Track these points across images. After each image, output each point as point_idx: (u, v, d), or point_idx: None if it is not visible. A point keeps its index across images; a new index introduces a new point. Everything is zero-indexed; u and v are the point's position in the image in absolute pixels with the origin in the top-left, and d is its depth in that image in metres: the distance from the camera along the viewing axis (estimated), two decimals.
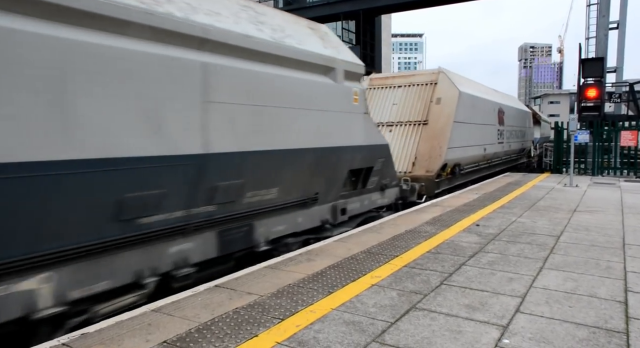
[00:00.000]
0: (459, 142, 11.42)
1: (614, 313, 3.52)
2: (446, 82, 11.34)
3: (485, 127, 14.09)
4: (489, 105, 14.53)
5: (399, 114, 11.58)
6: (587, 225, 6.95)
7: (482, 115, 13.54)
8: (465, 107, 11.61)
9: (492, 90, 17.33)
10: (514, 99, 22.65)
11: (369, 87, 12.16)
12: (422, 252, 5.32)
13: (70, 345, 3.01)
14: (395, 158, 9.36)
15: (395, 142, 11.12)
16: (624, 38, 22.25)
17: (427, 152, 10.70)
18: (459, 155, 11.60)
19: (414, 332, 3.19)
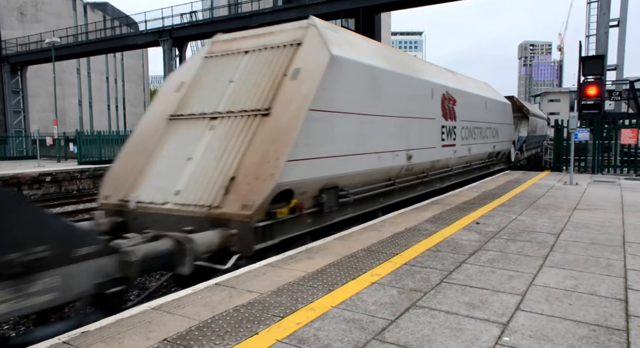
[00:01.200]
0: (325, 148, 6.34)
1: (614, 311, 3.53)
2: (314, 41, 6.65)
3: (410, 122, 9.02)
4: (418, 86, 9.52)
5: (234, 98, 6.62)
6: (587, 223, 6.95)
7: (400, 102, 8.60)
8: (345, 84, 6.77)
9: (437, 67, 12.38)
10: (481, 85, 16.34)
11: (207, 55, 7.57)
12: (422, 250, 5.32)
13: (70, 343, 3.02)
14: (198, 178, 5.84)
15: (212, 148, 6.13)
16: (624, 35, 22.22)
17: (254, 167, 5.59)
18: (325, 173, 6.37)
19: (414, 330, 3.19)
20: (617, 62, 22.62)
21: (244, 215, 5.21)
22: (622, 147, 16.13)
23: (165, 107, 7.15)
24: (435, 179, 10.89)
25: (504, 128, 17.29)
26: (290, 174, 5.59)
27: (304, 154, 5.85)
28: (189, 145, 6.34)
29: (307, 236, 6.29)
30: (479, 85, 15.80)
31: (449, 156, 11.32)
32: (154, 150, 6.57)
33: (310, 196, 6.24)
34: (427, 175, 10.12)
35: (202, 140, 6.28)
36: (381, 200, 8.36)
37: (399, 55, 9.92)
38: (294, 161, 5.65)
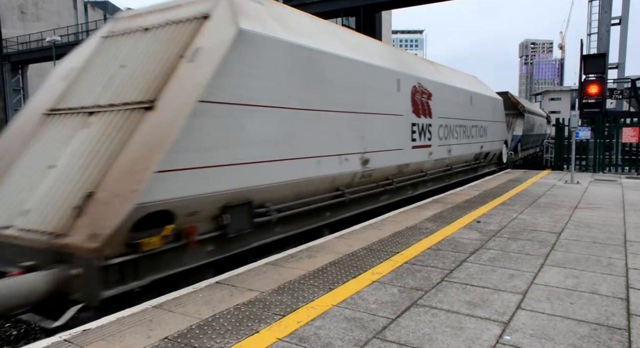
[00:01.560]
0: (229, 152, 4.80)
1: (616, 310, 3.52)
2: (224, 13, 5.18)
3: (366, 119, 7.36)
4: (378, 76, 7.78)
5: (121, 87, 5.09)
6: (589, 222, 6.94)
7: (352, 94, 6.98)
8: (263, 68, 5.27)
9: (410, 55, 10.75)
10: (467, 78, 14.28)
11: (106, 35, 5.96)
12: (423, 249, 5.32)
13: (71, 341, 3.02)
14: (55, 194, 4.39)
15: (81, 153, 4.65)
16: (626, 34, 22.19)
17: (118, 180, 4.15)
18: (229, 185, 4.80)
19: (415, 329, 3.19)
20: (618, 60, 22.59)
21: (89, 248, 3.69)
22: (624, 145, 16.11)
23: (47, 98, 5.58)
24: (406, 186, 9.09)
25: (494, 126, 15.36)
26: (165, 190, 4.02)
27: (189, 161, 4.25)
28: (55, 149, 4.82)
29: (207, 269, 4.76)
30: (463, 78, 13.69)
31: (422, 159, 9.49)
32: (17, 155, 5.06)
33: (206, 217, 4.64)
34: (392, 182, 8.40)
35: (72, 143, 4.75)
36: (327, 214, 6.72)
37: (355, 38, 7.89)
38: (172, 172, 4.07)
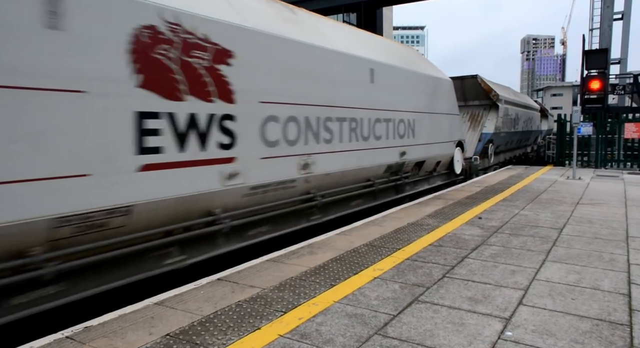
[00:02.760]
0: None
1: (618, 306, 3.51)
2: None
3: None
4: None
5: None
6: (590, 217, 6.93)
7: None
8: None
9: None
10: (375, 42, 9.08)
11: None
12: (424, 245, 5.31)
13: (73, 338, 3.02)
14: None
15: None
16: (628, 29, 22.09)
17: None
18: None
19: (417, 325, 3.19)
20: (620, 55, 22.49)
21: None
22: (626, 141, 16.07)
23: None
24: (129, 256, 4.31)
25: (435, 121, 10.43)
26: None
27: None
28: None
29: None
30: (361, 39, 8.42)
31: (190, 189, 4.63)
32: None
33: None
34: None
35: None
36: None
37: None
38: None
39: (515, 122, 18.03)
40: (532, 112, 22.56)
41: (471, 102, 16.17)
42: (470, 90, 15.82)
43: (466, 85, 15.69)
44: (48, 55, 3.48)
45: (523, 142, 22.00)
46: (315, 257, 4.84)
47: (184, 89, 4.52)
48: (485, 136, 15.30)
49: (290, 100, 5.99)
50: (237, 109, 5.13)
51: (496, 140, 16.08)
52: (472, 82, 15.59)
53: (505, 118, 16.34)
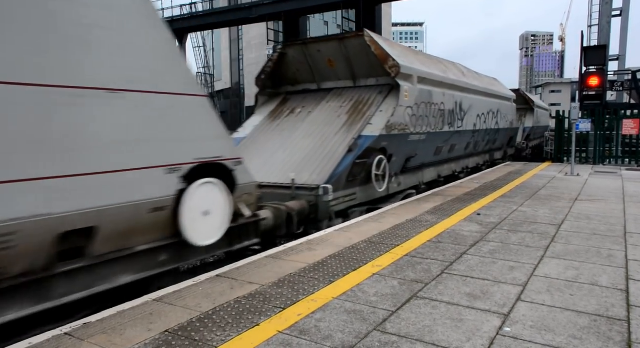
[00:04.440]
0: None
1: (616, 301, 3.52)
2: None
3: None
4: None
5: None
6: (589, 213, 6.94)
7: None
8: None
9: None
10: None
11: None
12: (423, 241, 5.32)
13: (72, 334, 3.02)
14: None
15: None
16: (627, 25, 22.09)
17: None
18: None
19: (416, 321, 3.19)
20: (619, 52, 22.50)
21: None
22: (624, 137, 16.10)
23: None
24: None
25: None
26: None
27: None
28: None
29: None
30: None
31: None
32: None
33: None
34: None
35: None
36: None
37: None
38: None
39: (453, 115, 10.82)
40: (500, 103, 15.22)
41: (363, 81, 8.94)
42: (358, 60, 8.66)
43: (351, 52, 8.55)
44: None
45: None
46: (314, 254, 4.84)
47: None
48: (364, 141, 7.56)
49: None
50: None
51: (396, 148, 8.36)
52: (359, 46, 8.57)
53: (421, 108, 9.03)
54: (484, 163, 15.28)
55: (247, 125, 9.01)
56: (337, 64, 8.81)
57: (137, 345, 2.87)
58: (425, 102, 9.21)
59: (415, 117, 8.78)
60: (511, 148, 19.24)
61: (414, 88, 8.63)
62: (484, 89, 13.49)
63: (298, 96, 9.39)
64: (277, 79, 9.60)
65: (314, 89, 9.36)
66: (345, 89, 8.99)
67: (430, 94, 9.38)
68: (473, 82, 12.57)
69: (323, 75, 9.20)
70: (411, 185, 9.62)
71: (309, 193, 6.57)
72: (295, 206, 6.27)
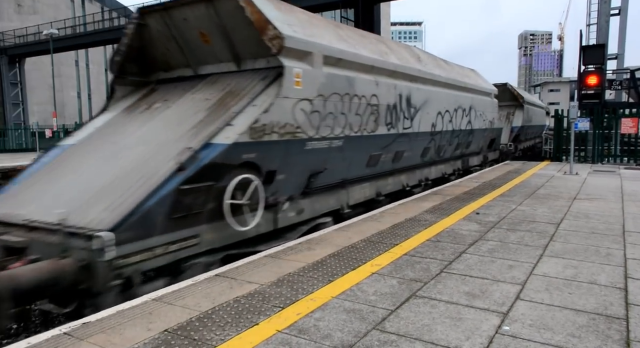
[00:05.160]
0: None
1: (614, 300, 3.53)
2: None
3: None
4: None
5: None
6: (587, 212, 6.95)
7: None
8: None
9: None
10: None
11: None
12: (422, 240, 5.32)
13: (71, 334, 3.02)
14: None
15: None
16: (625, 24, 22.11)
17: None
18: None
19: (415, 320, 3.20)
20: (617, 51, 22.53)
21: None
22: (622, 136, 16.14)
23: None
24: None
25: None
26: None
27: None
28: None
29: None
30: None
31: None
32: None
33: None
34: None
35: None
36: None
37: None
38: None
39: (395, 112, 8.18)
40: (474, 98, 12.75)
41: (250, 63, 6.28)
42: (238, 32, 6.05)
43: (227, 21, 6.00)
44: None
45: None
46: (313, 253, 4.85)
47: None
48: (209, 154, 4.87)
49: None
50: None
51: (282, 161, 5.74)
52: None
53: (332, 102, 6.43)
54: (453, 171, 12.44)
55: (88, 126, 6.43)
56: (212, 38, 6.14)
57: (137, 345, 2.87)
58: (340, 94, 6.51)
59: (320, 115, 6.14)
60: (494, 152, 16.58)
61: (315, 72, 6.01)
62: (449, 80, 10.82)
63: (170, 86, 6.73)
64: (146, 62, 6.84)
65: (190, 76, 6.67)
66: (226, 74, 6.31)
67: (350, 81, 6.73)
68: (433, 70, 10.04)
69: (199, 57, 6.47)
70: (325, 211, 6.84)
71: (84, 244, 3.89)
72: (26, 274, 3.58)
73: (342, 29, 7.59)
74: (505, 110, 19.62)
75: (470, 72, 13.71)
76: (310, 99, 5.94)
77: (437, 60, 11.24)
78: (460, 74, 12.28)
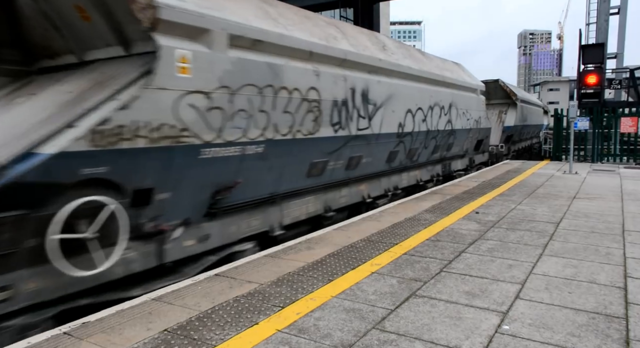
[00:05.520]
0: None
1: (614, 299, 3.53)
2: None
3: None
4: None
5: None
6: (587, 211, 6.95)
7: None
8: None
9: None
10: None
11: None
12: (421, 240, 5.32)
13: (71, 333, 3.02)
14: None
15: None
16: (624, 23, 22.12)
17: None
18: None
19: (414, 319, 3.20)
20: (617, 50, 22.54)
21: None
22: (622, 135, 16.16)
23: None
24: None
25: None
26: None
27: None
28: None
29: None
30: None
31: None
32: None
33: None
34: None
35: None
36: None
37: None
38: None
39: (344, 110, 6.81)
40: (455, 94, 11.38)
41: (141, 46, 4.56)
42: (119, 4, 4.39)
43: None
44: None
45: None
46: (313, 252, 4.85)
47: None
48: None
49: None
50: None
51: (161, 175, 4.41)
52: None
53: (245, 95, 5.06)
54: (431, 178, 10.90)
55: None
56: (92, 14, 4.73)
57: (136, 344, 2.87)
58: (259, 86, 5.21)
59: (223, 114, 4.78)
60: (482, 154, 15.16)
61: (215, 56, 4.70)
62: (422, 73, 9.34)
63: (51, 76, 5.36)
64: (26, 47, 5.47)
65: (75, 63, 5.21)
66: (112, 60, 4.86)
67: (274, 70, 5.45)
68: (401, 61, 8.62)
69: (82, 39, 5.04)
70: (246, 235, 5.47)
71: None
72: None
73: (274, 6, 6.04)
74: (497, 108, 18.24)
75: (452, 66, 12.35)
76: (206, 92, 4.55)
77: (410, 50, 9.89)
78: (439, 67, 10.89)
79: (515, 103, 18.29)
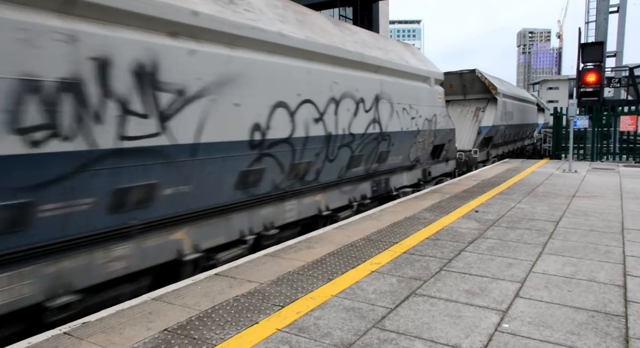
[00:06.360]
0: None
1: (613, 297, 3.54)
2: None
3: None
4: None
5: None
6: (586, 210, 6.96)
7: None
8: None
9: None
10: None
11: None
12: (421, 239, 5.33)
13: (71, 333, 3.02)
14: None
15: None
16: (624, 22, 22.11)
17: None
18: None
19: (414, 318, 3.20)
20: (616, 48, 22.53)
21: None
22: (621, 134, 16.15)
23: None
24: None
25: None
26: None
27: None
28: None
29: None
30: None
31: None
32: None
33: None
34: None
35: None
36: None
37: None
38: None
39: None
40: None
41: None
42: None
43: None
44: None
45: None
46: (312, 251, 4.85)
47: None
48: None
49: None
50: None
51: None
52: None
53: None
54: (349, 202, 7.56)
55: None
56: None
57: (136, 344, 2.87)
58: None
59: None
60: (445, 163, 11.72)
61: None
62: (312, 46, 6.14)
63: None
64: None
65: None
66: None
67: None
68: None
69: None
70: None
71: None
72: None
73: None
74: (474, 105, 14.96)
75: (393, 45, 9.43)
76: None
77: (308, 16, 6.79)
78: (360, 43, 7.71)
79: (495, 98, 14.77)
